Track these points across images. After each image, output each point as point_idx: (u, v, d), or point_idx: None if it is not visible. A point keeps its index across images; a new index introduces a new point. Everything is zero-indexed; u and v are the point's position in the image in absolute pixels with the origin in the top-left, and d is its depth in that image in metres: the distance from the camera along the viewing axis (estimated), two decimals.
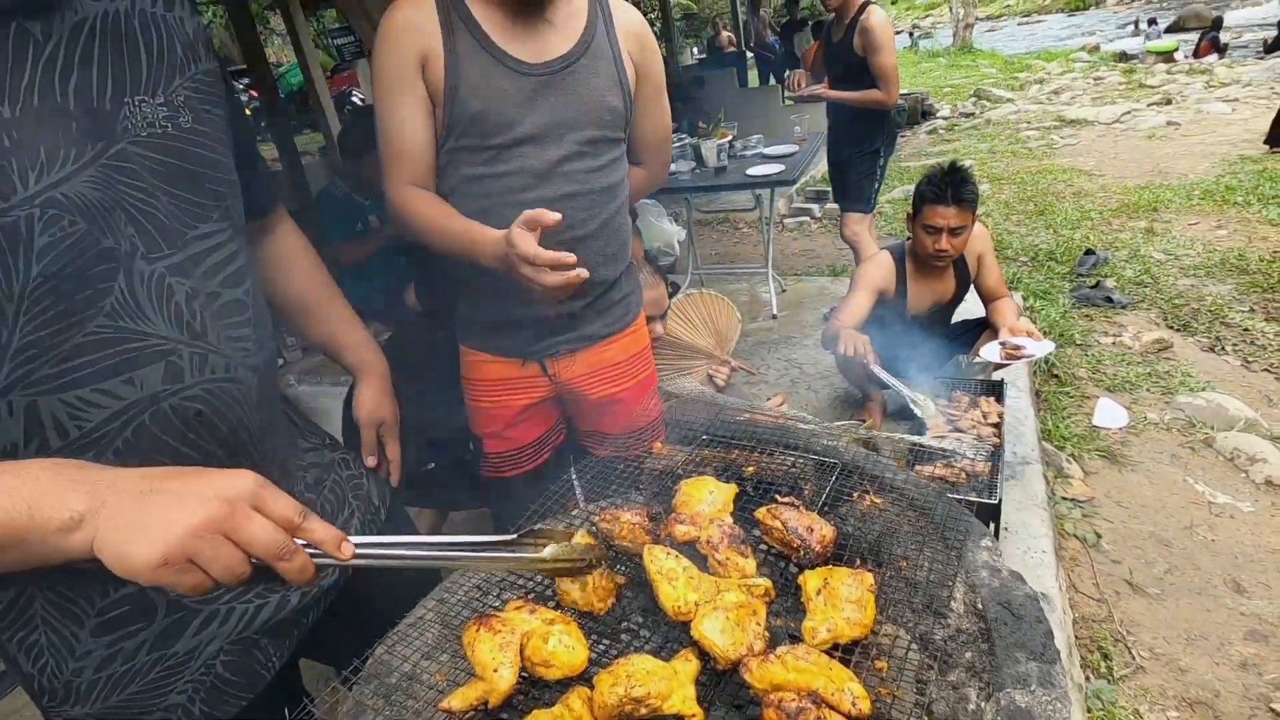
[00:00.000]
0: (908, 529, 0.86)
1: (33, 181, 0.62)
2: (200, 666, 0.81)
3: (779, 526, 0.81)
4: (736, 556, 0.79)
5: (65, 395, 0.66)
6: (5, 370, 0.63)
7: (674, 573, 0.77)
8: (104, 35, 0.69)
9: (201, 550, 0.54)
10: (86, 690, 0.77)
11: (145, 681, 0.79)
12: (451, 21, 1.14)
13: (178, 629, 0.79)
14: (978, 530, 0.82)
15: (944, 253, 2.36)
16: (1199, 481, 2.56)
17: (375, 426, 1.14)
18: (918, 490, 0.91)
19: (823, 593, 0.73)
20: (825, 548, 0.80)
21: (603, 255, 1.30)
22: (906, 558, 0.82)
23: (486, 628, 0.71)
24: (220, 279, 0.78)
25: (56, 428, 0.67)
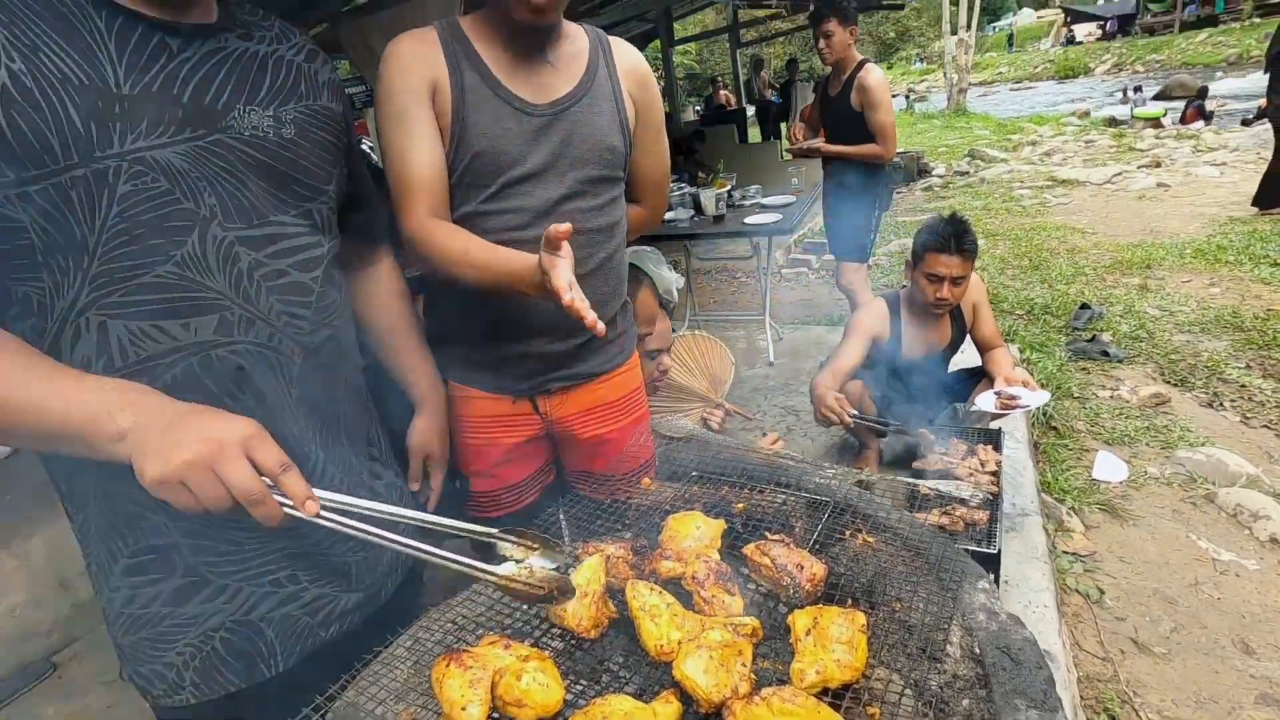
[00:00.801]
0: (902, 569, 0.83)
1: (128, 141, 0.75)
2: (200, 634, 0.89)
3: (768, 563, 0.78)
4: (723, 594, 0.76)
5: (129, 323, 0.78)
6: (86, 291, 0.76)
7: (657, 609, 0.73)
8: (237, 61, 0.86)
9: (190, 477, 0.66)
10: (113, 620, 0.90)
11: (153, 632, 0.89)
12: (457, 58, 1.14)
13: (188, 591, 0.88)
14: (974, 572, 0.79)
15: (944, 301, 2.37)
16: (1202, 538, 2.50)
17: (423, 456, 1.27)
18: (912, 530, 0.88)
19: (812, 633, 0.70)
20: (815, 586, 0.77)
21: (600, 293, 1.29)
22: (900, 599, 0.79)
23: (457, 663, 0.68)
24: (291, 261, 0.89)
25: (120, 350, 0.78)
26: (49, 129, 0.70)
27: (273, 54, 0.91)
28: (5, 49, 0.69)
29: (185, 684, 0.91)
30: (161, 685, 0.91)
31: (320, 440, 0.96)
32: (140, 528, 0.86)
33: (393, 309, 1.22)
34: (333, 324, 0.97)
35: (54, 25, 0.73)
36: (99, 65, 0.74)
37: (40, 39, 0.72)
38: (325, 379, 0.97)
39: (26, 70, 0.70)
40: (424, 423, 1.27)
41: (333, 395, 0.99)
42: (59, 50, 0.72)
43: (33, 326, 0.77)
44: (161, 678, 0.91)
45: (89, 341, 0.78)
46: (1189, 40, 25.63)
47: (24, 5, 0.72)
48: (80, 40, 0.74)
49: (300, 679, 0.98)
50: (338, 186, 0.99)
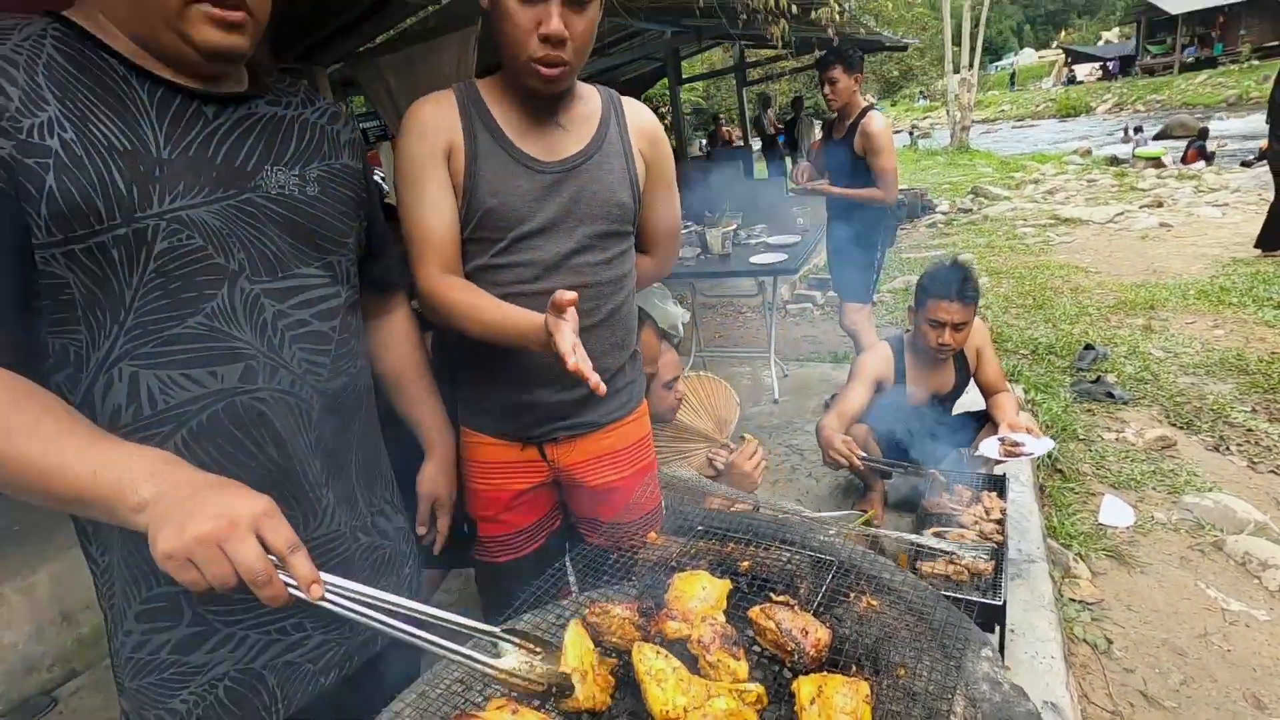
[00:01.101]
0: (905, 634, 0.83)
1: (166, 201, 0.79)
2: (205, 683, 0.91)
3: (773, 628, 0.79)
4: (728, 658, 0.77)
5: (160, 373, 0.81)
6: (120, 342, 0.79)
7: (663, 674, 0.74)
8: (265, 126, 0.92)
9: (199, 554, 0.66)
10: (122, 664, 0.91)
11: (160, 678, 0.90)
12: (472, 120, 1.20)
13: (196, 640, 0.90)
14: (978, 639, 0.80)
15: (946, 346, 2.39)
16: (1211, 587, 2.48)
17: (431, 500, 1.30)
18: (915, 593, 0.89)
19: (816, 702, 0.71)
20: (820, 652, 0.78)
21: (608, 344, 1.32)
22: (904, 665, 0.79)
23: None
24: (311, 311, 0.93)
25: (149, 399, 0.81)
26: (95, 192, 0.75)
27: (298, 118, 0.97)
28: (59, 120, 0.74)
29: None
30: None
31: (333, 484, 0.99)
32: (157, 574, 0.87)
33: (407, 356, 1.27)
34: (349, 371, 1.01)
35: (101, 97, 0.78)
36: (141, 132, 0.79)
37: (89, 109, 0.77)
38: (341, 424, 1.00)
39: (77, 139, 0.75)
40: (433, 468, 1.31)
41: (348, 440, 1.03)
42: (106, 119, 0.77)
43: (68, 377, 0.81)
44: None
45: (120, 391, 0.81)
46: (1188, 81, 26.05)
47: (76, 79, 0.77)
48: (125, 110, 0.79)
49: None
50: (357, 238, 1.05)
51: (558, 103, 1.23)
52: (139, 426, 0.82)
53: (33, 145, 0.72)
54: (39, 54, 0.75)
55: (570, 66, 1.14)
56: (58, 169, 0.73)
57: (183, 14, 0.77)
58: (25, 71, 0.73)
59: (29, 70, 0.74)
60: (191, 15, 0.77)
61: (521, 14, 1.08)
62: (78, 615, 2.41)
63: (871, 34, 7.35)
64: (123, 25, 0.80)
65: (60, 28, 0.79)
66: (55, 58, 0.76)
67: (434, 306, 1.20)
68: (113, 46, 0.80)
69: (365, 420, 1.08)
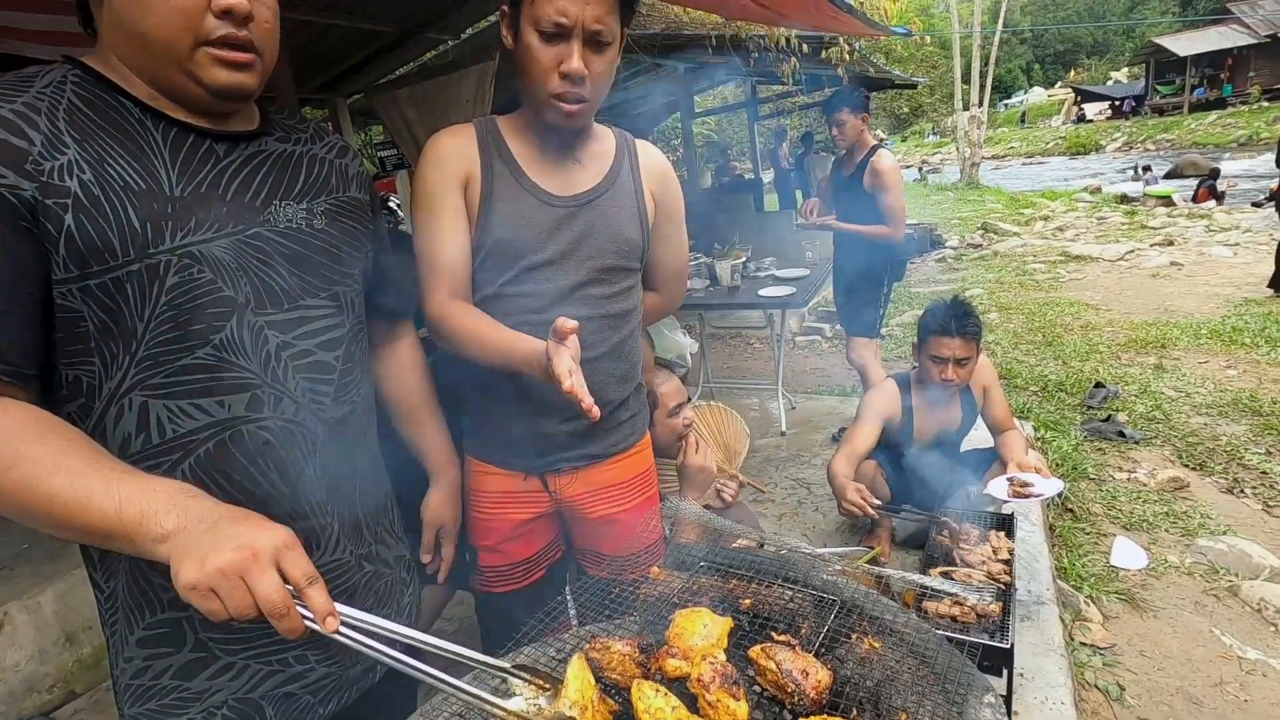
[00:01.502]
0: (907, 677, 0.83)
1: (178, 237, 0.82)
2: (204, 710, 0.91)
3: (773, 668, 0.79)
4: (728, 699, 0.76)
5: (169, 402, 0.83)
6: (131, 373, 0.81)
7: (662, 713, 0.74)
8: (274, 162, 0.94)
9: (221, 585, 0.67)
10: (122, 690, 0.93)
11: (160, 704, 0.91)
12: (490, 153, 1.24)
13: (196, 667, 0.91)
14: (980, 684, 0.79)
15: (950, 382, 2.39)
16: (1226, 634, 2.43)
17: (436, 528, 1.32)
18: (918, 635, 0.88)
19: None
20: (820, 694, 0.77)
21: (612, 376, 1.34)
22: (906, 710, 0.79)
23: None
24: (316, 342, 0.95)
25: (158, 428, 0.83)
26: (111, 230, 0.78)
27: (307, 153, 1.00)
28: (78, 162, 0.77)
29: None
30: None
31: (339, 512, 1.00)
32: (161, 600, 0.89)
33: (412, 384, 1.28)
34: (353, 400, 1.02)
35: (118, 138, 0.81)
36: (155, 171, 0.82)
37: (106, 150, 0.80)
38: (344, 452, 1.01)
39: (94, 179, 0.78)
40: (438, 496, 1.32)
41: (352, 468, 1.03)
42: (121, 160, 0.81)
43: (81, 407, 0.83)
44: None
45: (130, 420, 0.83)
46: (1198, 121, 26.21)
47: (94, 122, 0.80)
48: (140, 150, 0.82)
49: None
50: (363, 269, 1.07)
51: (574, 139, 1.27)
52: (147, 454, 0.84)
53: (53, 187, 0.75)
54: (60, 99, 0.79)
55: (588, 103, 1.18)
56: (76, 209, 0.76)
57: (192, 57, 0.81)
58: (47, 117, 0.77)
59: (50, 116, 0.77)
60: (200, 57, 0.81)
61: (544, 52, 1.12)
62: (80, 636, 2.41)
63: (880, 72, 7.47)
64: (137, 69, 0.83)
65: (79, 73, 0.82)
66: (75, 102, 0.80)
67: (441, 331, 1.23)
68: (128, 90, 0.83)
69: (368, 448, 1.09)
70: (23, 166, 0.74)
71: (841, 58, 4.89)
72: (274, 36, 0.89)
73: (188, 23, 0.79)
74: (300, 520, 0.94)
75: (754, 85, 9.73)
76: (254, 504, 0.87)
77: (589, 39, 1.12)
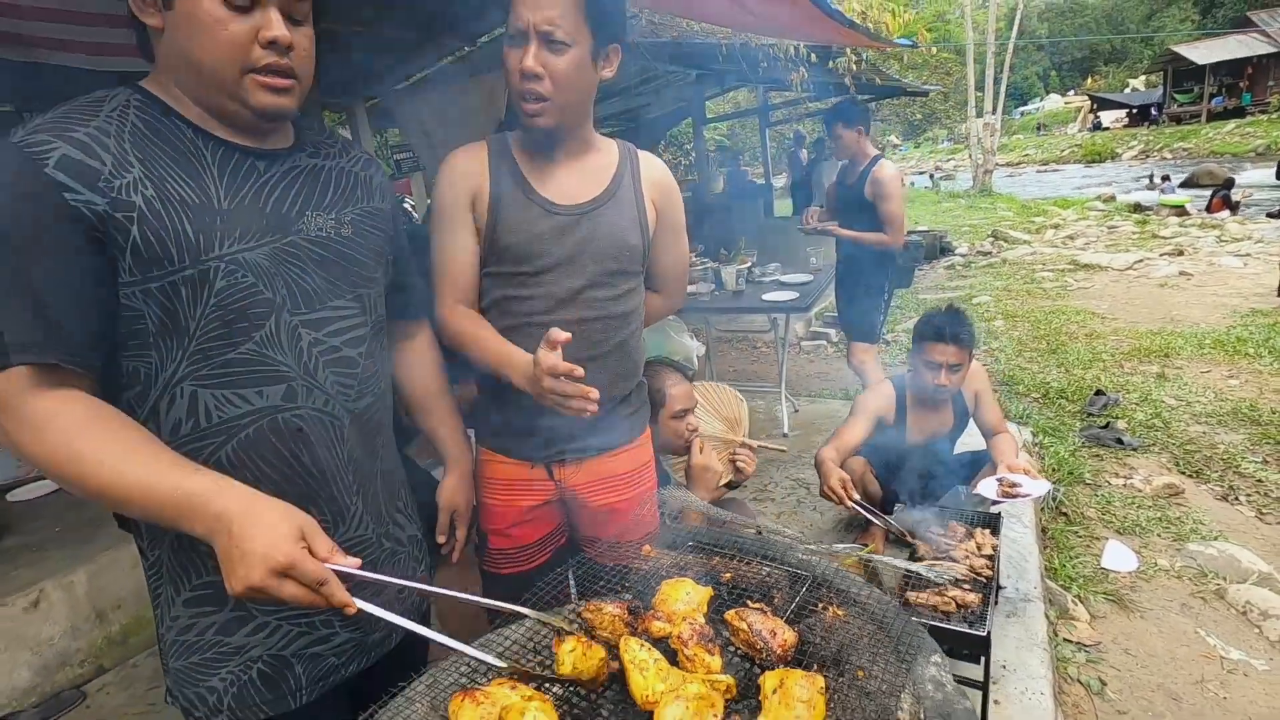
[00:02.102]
0: (866, 641, 0.93)
1: (226, 246, 0.93)
2: (241, 663, 1.03)
3: (745, 628, 0.89)
4: (704, 653, 0.87)
5: (215, 391, 0.94)
6: (183, 365, 0.93)
7: (645, 663, 0.85)
8: (307, 176, 1.05)
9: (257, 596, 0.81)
10: (168, 647, 1.04)
11: (202, 658, 1.02)
12: (499, 168, 1.35)
13: (235, 625, 1.02)
14: (929, 647, 0.89)
15: (944, 387, 2.48)
16: (1211, 635, 2.50)
17: (451, 511, 1.41)
18: (879, 605, 0.98)
19: (778, 692, 0.80)
20: (786, 651, 0.87)
21: (615, 374, 1.44)
22: (862, 667, 0.89)
23: (470, 699, 0.80)
24: (342, 339, 1.06)
25: (205, 414, 0.94)
26: (169, 240, 0.89)
27: (335, 167, 1.11)
28: (142, 180, 0.89)
29: (224, 707, 1.04)
30: (203, 708, 1.04)
31: (362, 493, 1.12)
32: (205, 565, 1.00)
33: (429, 379, 1.38)
34: (374, 391, 1.13)
35: (174, 157, 0.93)
36: (206, 187, 0.94)
37: (166, 170, 0.91)
38: (368, 439, 1.13)
39: (156, 195, 0.89)
40: (452, 481, 1.42)
41: (373, 453, 1.15)
42: (178, 178, 0.92)
43: (138, 395, 0.94)
44: (204, 700, 1.04)
45: (181, 407, 0.94)
46: (1216, 130, 25.99)
47: (154, 144, 0.92)
48: (193, 168, 0.94)
49: (322, 712, 1.11)
50: (384, 273, 1.17)
51: (577, 148, 1.37)
52: (195, 438, 0.95)
53: (121, 202, 0.86)
54: (125, 122, 0.90)
55: (550, 103, 1.25)
56: (140, 221, 0.87)
57: (240, 82, 0.92)
58: (115, 139, 0.88)
59: (118, 138, 0.89)
60: (247, 83, 0.92)
61: (509, 57, 1.24)
62: (110, 614, 2.55)
63: (889, 81, 7.54)
64: (190, 92, 0.95)
65: (139, 97, 0.94)
66: (138, 125, 0.91)
67: (445, 334, 1.38)
68: (181, 112, 0.95)
69: (387, 436, 1.20)
70: (96, 184, 0.85)
71: (849, 68, 4.98)
72: (310, 63, 1.00)
73: (237, 52, 0.90)
74: (327, 499, 1.06)
75: (766, 91, 9.84)
76: (287, 483, 1.00)
77: (543, 39, 1.21)
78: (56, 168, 0.83)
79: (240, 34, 0.90)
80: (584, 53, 1.25)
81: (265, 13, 0.90)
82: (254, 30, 0.90)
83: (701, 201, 8.62)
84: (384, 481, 1.19)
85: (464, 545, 1.45)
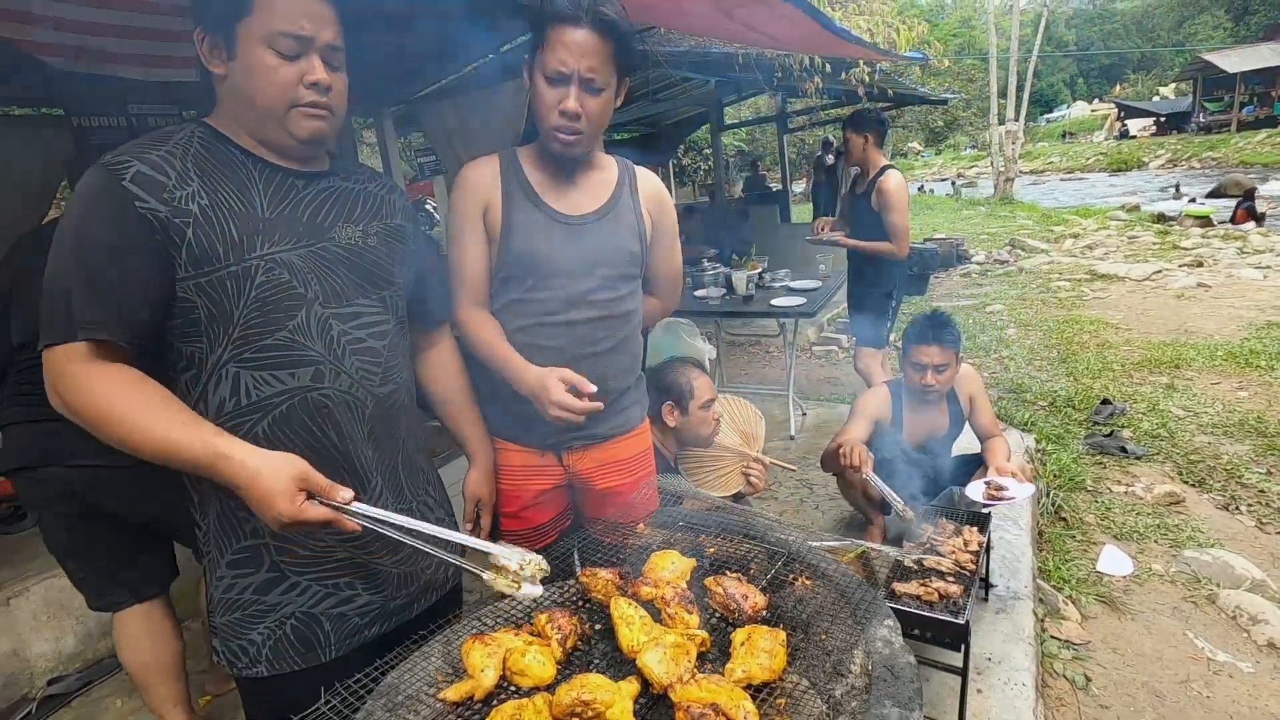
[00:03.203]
0: (830, 607, 1.05)
1: (266, 247, 1.09)
2: (276, 619, 1.18)
3: (720, 592, 1.01)
4: (683, 612, 0.99)
5: (254, 373, 1.09)
6: (228, 350, 1.08)
7: (631, 619, 0.97)
8: (339, 195, 1.22)
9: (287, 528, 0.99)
10: (215, 605, 1.19)
11: (243, 615, 1.18)
12: (509, 180, 1.49)
13: (272, 584, 1.18)
14: (884, 613, 1.01)
15: (930, 387, 2.58)
16: (1200, 637, 2.56)
17: (475, 500, 1.56)
18: (844, 579, 1.10)
19: (746, 644, 0.93)
20: (756, 612, 0.99)
21: (617, 368, 1.58)
22: (825, 630, 1.01)
23: (480, 641, 0.93)
24: (367, 332, 1.20)
25: (245, 393, 1.09)
26: (218, 241, 1.05)
27: (364, 190, 1.28)
28: (199, 192, 1.06)
29: (261, 659, 1.19)
30: (244, 659, 1.20)
31: (382, 469, 1.26)
32: (244, 529, 1.16)
33: (453, 382, 1.53)
34: (396, 379, 1.28)
35: (227, 175, 1.10)
36: (251, 200, 1.10)
37: (218, 182, 1.08)
38: (389, 421, 1.28)
39: (210, 204, 1.06)
40: (476, 474, 1.57)
41: (394, 435, 1.29)
42: (228, 189, 1.09)
43: (193, 376, 1.10)
44: (245, 652, 1.19)
45: (226, 386, 1.09)
46: (1247, 139, 25.52)
47: (211, 165, 1.09)
48: (241, 184, 1.11)
49: (350, 668, 1.25)
50: (404, 280, 1.33)
51: (578, 165, 1.51)
52: (237, 413, 1.11)
53: (181, 209, 1.03)
54: (190, 148, 1.08)
55: (583, 135, 1.42)
56: (195, 226, 1.03)
57: (287, 115, 1.10)
58: (180, 160, 1.06)
59: (182, 159, 1.06)
60: (293, 114, 1.10)
61: (549, 94, 1.38)
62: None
63: (903, 90, 7.60)
64: (246, 125, 1.13)
65: (203, 130, 1.12)
66: (200, 150, 1.09)
67: (461, 335, 1.53)
68: (237, 142, 1.13)
69: (409, 422, 1.34)
70: (161, 195, 1.03)
71: (861, 79, 5.07)
72: (344, 101, 1.18)
73: (287, 91, 1.09)
74: (349, 471, 1.20)
75: (784, 98, 9.93)
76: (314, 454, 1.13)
77: (584, 84, 1.36)
78: (132, 181, 1.01)
79: (289, 76, 1.08)
80: (612, 93, 1.42)
81: (309, 60, 1.09)
82: (300, 74, 1.08)
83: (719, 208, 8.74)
84: (406, 464, 1.33)
85: (488, 531, 1.59)
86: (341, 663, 1.22)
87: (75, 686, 2.45)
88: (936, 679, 2.02)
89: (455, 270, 1.51)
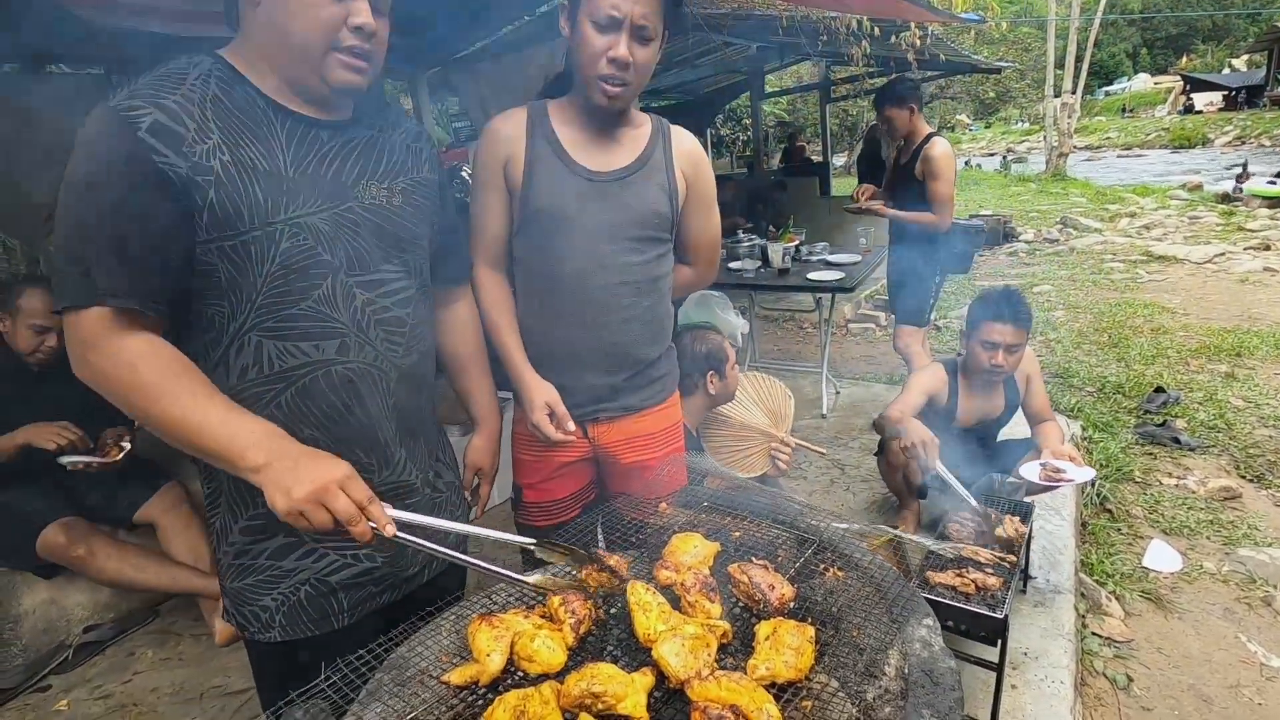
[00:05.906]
0: (864, 602, 0.97)
1: (290, 211, 1.01)
2: (291, 585, 1.14)
3: (745, 581, 0.94)
4: (705, 600, 0.92)
5: (277, 342, 1.03)
6: (251, 317, 1.01)
7: (648, 605, 0.91)
8: (364, 147, 1.12)
9: (306, 509, 0.90)
10: (226, 569, 1.16)
11: (256, 580, 1.14)
12: (535, 134, 1.41)
13: (286, 550, 1.14)
14: (922, 610, 0.92)
15: (999, 368, 2.44)
16: (1252, 640, 2.42)
17: (475, 469, 1.48)
18: (879, 571, 1.01)
19: (770, 639, 0.86)
20: (783, 604, 0.92)
21: (643, 337, 1.50)
22: (858, 626, 0.93)
23: (487, 623, 0.87)
24: (391, 300, 1.14)
25: (269, 362, 1.04)
26: (242, 203, 0.97)
27: (389, 139, 1.18)
28: (219, 147, 0.97)
29: (274, 624, 1.16)
30: (256, 624, 1.16)
31: (405, 441, 1.21)
32: (257, 498, 1.07)
33: (467, 341, 1.46)
34: (419, 349, 1.22)
35: (249, 127, 1.00)
36: (274, 155, 1.01)
37: (241, 137, 0.99)
38: (412, 393, 1.22)
39: (232, 161, 0.97)
40: (480, 440, 1.49)
41: (418, 406, 1.24)
42: (251, 143, 1.00)
43: (212, 340, 1.03)
44: (257, 617, 1.16)
45: (248, 354, 1.03)
46: None
47: (231, 113, 0.99)
48: (265, 138, 1.01)
49: (361, 635, 1.22)
50: (430, 239, 1.25)
51: (615, 120, 1.42)
52: (259, 383, 1.05)
53: (201, 166, 0.94)
54: (207, 92, 0.98)
55: (630, 87, 1.34)
56: (217, 186, 0.95)
57: (324, 59, 1.00)
58: (199, 107, 0.96)
59: (200, 106, 0.96)
60: (330, 60, 1.00)
61: (597, 40, 1.28)
62: None
63: (956, 57, 7.24)
64: (272, 63, 1.02)
65: (220, 69, 1.01)
66: (218, 94, 0.98)
67: (476, 295, 1.48)
68: (256, 84, 1.02)
69: (429, 392, 1.29)
70: (180, 149, 0.94)
71: (912, 43, 4.82)
72: (384, 50, 1.08)
73: (328, 31, 0.98)
74: (373, 445, 1.15)
75: (828, 66, 9.57)
76: (338, 429, 1.09)
77: (635, 32, 1.27)
78: (148, 132, 0.91)
79: (333, 15, 0.98)
80: (660, 44, 1.34)
81: (357, 1, 0.98)
82: (344, 14, 0.98)
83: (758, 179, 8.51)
84: (428, 433, 1.28)
85: (486, 501, 1.52)
86: (354, 630, 1.20)
87: (109, 635, 2.52)
88: (968, 672, 1.93)
89: (474, 225, 1.46)
